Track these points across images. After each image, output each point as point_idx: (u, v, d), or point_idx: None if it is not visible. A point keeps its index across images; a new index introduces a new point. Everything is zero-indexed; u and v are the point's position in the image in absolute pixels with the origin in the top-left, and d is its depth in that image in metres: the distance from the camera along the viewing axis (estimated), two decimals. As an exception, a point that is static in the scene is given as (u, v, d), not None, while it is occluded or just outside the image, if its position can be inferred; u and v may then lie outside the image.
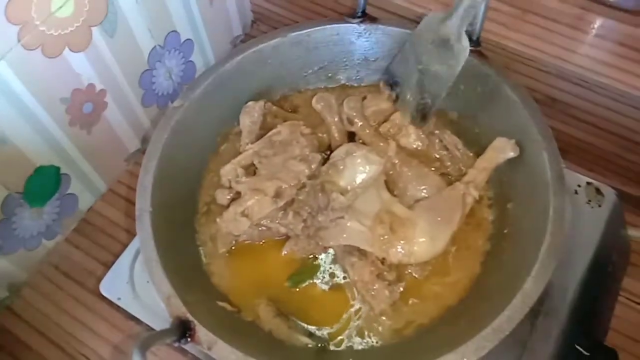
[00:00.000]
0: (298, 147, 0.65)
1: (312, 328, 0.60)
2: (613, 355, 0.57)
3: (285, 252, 0.64)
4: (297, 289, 0.62)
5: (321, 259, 0.64)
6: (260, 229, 0.64)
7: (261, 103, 0.70)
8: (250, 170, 0.67)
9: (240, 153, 0.69)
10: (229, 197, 0.66)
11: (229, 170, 0.66)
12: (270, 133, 0.68)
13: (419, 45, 0.65)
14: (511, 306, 0.49)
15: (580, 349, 0.57)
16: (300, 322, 0.60)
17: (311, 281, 0.63)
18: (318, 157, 0.65)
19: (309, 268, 0.64)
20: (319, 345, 0.58)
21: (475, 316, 0.53)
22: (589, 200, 0.67)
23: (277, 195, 0.62)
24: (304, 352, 0.57)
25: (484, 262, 0.59)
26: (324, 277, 0.63)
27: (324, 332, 0.60)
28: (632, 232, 0.70)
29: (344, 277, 0.63)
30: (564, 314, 0.61)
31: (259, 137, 0.69)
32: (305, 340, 0.58)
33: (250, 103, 0.70)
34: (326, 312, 0.61)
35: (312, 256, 0.64)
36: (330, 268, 0.64)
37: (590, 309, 0.64)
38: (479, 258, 0.61)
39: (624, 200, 0.68)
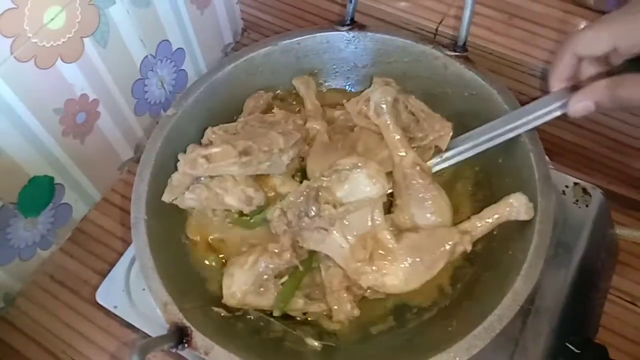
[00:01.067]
0: (283, 126, 0.65)
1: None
2: (603, 352, 0.58)
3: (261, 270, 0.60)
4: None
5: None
6: (207, 193, 0.62)
7: (270, 94, 0.72)
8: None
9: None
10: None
11: (212, 130, 0.65)
12: (266, 115, 0.68)
13: None
14: (502, 305, 0.50)
15: (571, 347, 0.58)
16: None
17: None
18: (297, 135, 0.64)
19: (290, 285, 0.61)
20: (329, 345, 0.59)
21: (467, 316, 0.54)
22: (577, 200, 0.68)
23: (244, 152, 0.61)
24: (304, 354, 0.58)
25: (474, 263, 0.60)
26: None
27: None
28: (620, 231, 0.72)
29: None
30: (555, 312, 0.61)
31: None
32: (315, 343, 0.58)
33: (260, 91, 0.72)
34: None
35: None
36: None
37: (580, 307, 0.65)
38: (469, 258, 0.62)
39: (611, 199, 0.69)
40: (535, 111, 0.59)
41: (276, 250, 0.60)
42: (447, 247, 0.58)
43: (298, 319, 0.61)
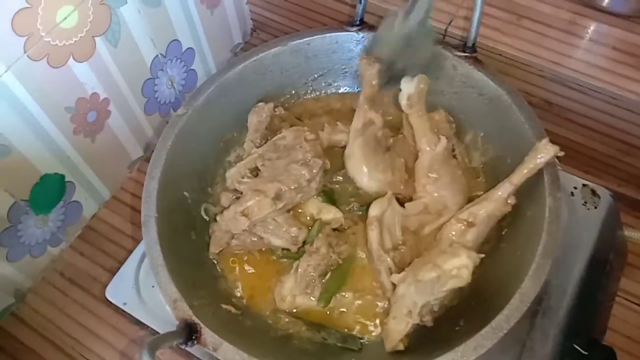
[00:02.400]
0: (301, 151, 0.66)
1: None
2: (611, 354, 0.58)
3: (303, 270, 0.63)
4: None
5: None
6: (252, 238, 0.65)
7: (270, 105, 0.72)
8: (255, 173, 0.68)
9: (245, 152, 0.70)
10: (232, 198, 0.67)
11: (234, 173, 0.67)
12: (275, 137, 0.69)
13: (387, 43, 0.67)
14: (509, 305, 0.50)
15: (579, 348, 0.58)
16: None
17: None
18: (319, 162, 0.66)
19: (336, 275, 0.64)
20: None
21: (475, 316, 0.54)
22: (585, 202, 0.68)
23: (277, 197, 0.63)
24: (310, 352, 0.58)
25: (484, 262, 0.60)
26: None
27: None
28: (629, 233, 0.72)
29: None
30: (563, 313, 0.61)
31: (264, 137, 0.71)
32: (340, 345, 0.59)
33: (260, 104, 0.72)
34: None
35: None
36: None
37: (588, 308, 0.65)
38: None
39: (620, 201, 0.69)
40: None
41: (313, 248, 0.63)
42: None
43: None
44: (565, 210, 0.58)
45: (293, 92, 0.76)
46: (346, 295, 0.63)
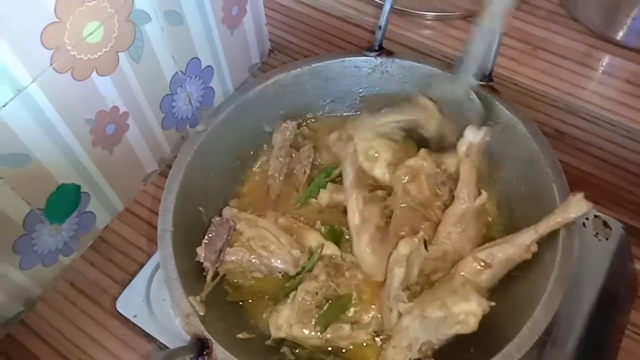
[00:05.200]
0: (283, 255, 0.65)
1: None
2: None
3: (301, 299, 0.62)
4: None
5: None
6: (251, 257, 0.64)
7: (294, 124, 0.73)
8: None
9: (271, 168, 0.72)
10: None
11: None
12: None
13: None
14: (521, 334, 0.50)
15: (587, 381, 0.58)
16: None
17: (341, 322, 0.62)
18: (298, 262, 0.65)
19: (336, 304, 0.62)
20: None
21: (484, 343, 0.54)
22: (597, 233, 0.68)
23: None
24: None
25: (494, 290, 0.60)
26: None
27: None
28: (640, 266, 0.72)
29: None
30: (571, 344, 0.61)
31: (289, 154, 0.72)
32: None
33: (285, 124, 0.73)
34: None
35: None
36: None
37: (597, 340, 0.64)
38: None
39: (631, 234, 0.70)
40: None
41: (313, 275, 0.62)
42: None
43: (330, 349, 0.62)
44: (578, 240, 0.58)
45: (311, 113, 0.77)
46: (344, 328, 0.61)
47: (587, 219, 0.69)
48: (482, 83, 0.66)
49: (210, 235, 0.64)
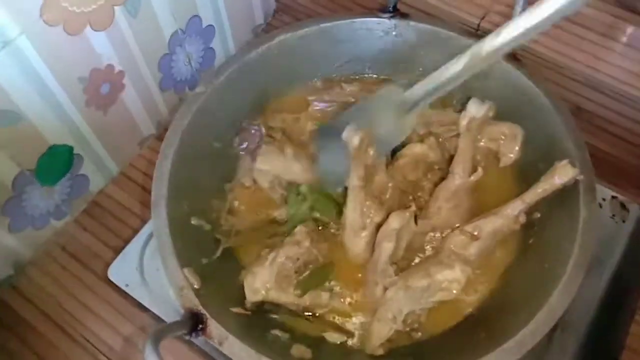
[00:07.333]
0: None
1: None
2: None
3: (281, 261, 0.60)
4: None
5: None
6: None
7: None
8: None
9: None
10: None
11: None
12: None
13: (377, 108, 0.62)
14: (536, 319, 0.48)
15: (598, 367, 0.56)
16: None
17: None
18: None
19: (319, 272, 0.61)
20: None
21: (496, 328, 0.52)
22: (613, 215, 0.66)
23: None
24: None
25: (507, 272, 0.57)
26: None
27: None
28: (655, 250, 0.69)
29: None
30: (582, 329, 0.60)
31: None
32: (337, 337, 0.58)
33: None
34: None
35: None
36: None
37: (608, 325, 0.63)
38: (501, 268, 0.59)
39: (648, 217, 0.67)
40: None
41: (294, 240, 0.60)
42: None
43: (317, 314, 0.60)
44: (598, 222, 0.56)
45: (316, 78, 0.74)
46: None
47: (603, 199, 0.67)
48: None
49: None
